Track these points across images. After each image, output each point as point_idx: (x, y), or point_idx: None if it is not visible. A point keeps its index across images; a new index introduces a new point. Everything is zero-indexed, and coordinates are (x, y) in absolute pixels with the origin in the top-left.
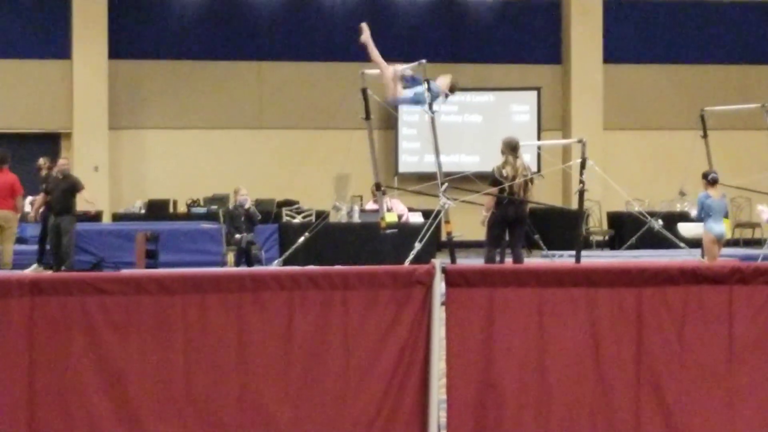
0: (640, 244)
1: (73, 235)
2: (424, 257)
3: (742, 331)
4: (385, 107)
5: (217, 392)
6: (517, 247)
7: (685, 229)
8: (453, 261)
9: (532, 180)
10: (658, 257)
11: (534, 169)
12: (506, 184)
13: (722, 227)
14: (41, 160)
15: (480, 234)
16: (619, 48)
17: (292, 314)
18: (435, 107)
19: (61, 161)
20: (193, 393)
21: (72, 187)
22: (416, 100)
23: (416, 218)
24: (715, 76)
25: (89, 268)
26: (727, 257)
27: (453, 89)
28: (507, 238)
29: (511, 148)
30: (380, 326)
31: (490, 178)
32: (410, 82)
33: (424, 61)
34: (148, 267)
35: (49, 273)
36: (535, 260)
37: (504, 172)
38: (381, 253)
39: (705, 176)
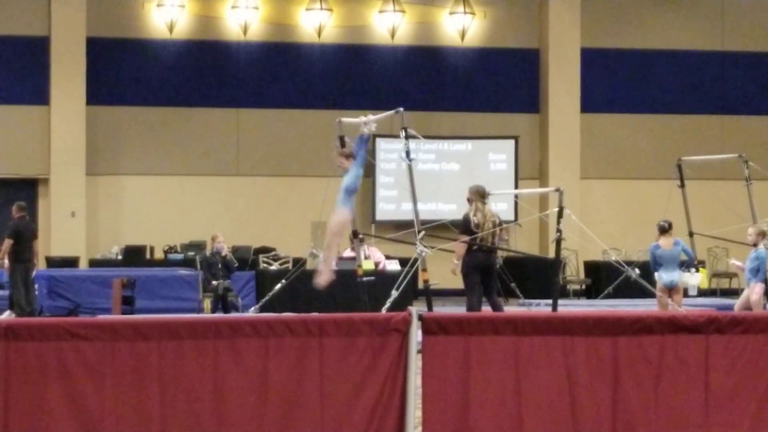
0: (616, 294)
1: (14, 283)
2: (400, 305)
3: (718, 380)
4: None
5: None
6: (493, 296)
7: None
8: (430, 309)
9: (501, 226)
10: (635, 306)
11: (511, 217)
12: (479, 233)
13: (672, 276)
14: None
15: (456, 283)
16: (596, 98)
17: (268, 361)
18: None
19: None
20: None
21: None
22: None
23: (393, 266)
24: (693, 127)
25: (65, 314)
26: (704, 307)
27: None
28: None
29: (480, 195)
30: (356, 373)
31: (462, 226)
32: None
33: (401, 109)
34: (124, 313)
35: (24, 319)
36: (512, 309)
37: (475, 219)
38: (358, 301)
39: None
